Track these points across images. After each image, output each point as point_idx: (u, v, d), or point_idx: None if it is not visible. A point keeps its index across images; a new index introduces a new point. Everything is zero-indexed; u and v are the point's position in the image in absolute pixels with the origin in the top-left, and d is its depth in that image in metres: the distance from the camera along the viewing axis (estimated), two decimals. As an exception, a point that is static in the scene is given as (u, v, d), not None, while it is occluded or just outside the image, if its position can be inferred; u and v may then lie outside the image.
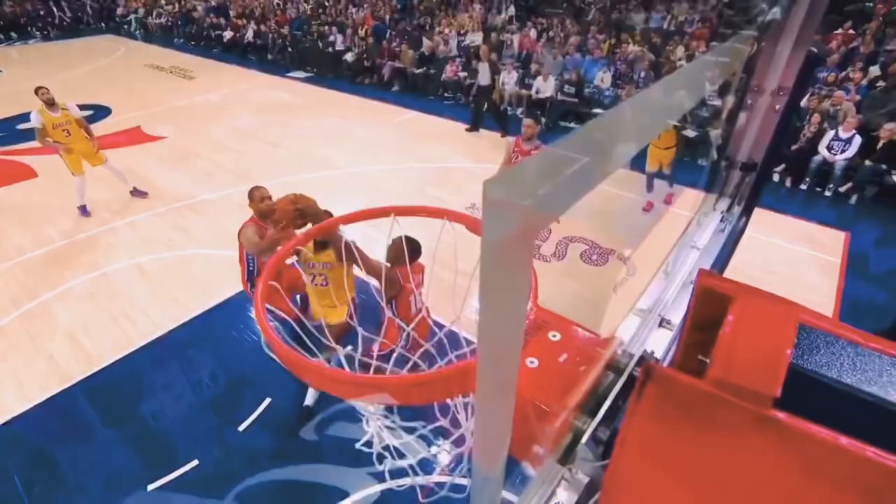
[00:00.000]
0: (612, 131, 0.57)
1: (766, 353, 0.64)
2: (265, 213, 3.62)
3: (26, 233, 6.26)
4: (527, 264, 0.43)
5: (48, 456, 3.54)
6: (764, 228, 6.15)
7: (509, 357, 0.46)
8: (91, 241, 6.07)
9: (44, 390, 4.03)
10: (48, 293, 5.14)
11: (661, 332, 1.13)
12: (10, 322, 4.75)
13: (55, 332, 4.62)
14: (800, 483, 0.62)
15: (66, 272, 5.46)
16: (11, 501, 3.24)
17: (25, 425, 3.76)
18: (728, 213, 1.69)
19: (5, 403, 3.91)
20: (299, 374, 0.99)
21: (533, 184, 0.38)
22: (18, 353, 4.39)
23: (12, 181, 7.59)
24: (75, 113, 6.22)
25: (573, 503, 0.85)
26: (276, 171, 7.91)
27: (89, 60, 15.69)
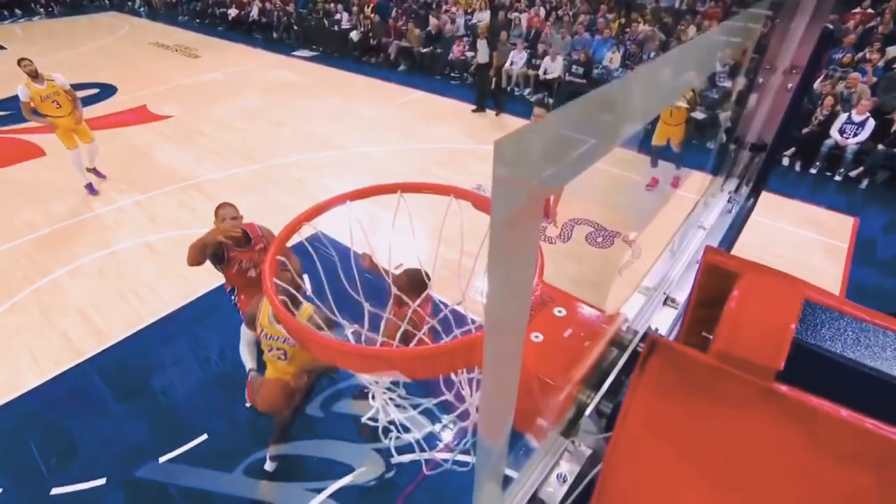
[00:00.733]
0: (618, 102, 0.56)
1: (770, 328, 0.64)
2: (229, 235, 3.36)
3: (36, 210, 6.31)
4: (535, 231, 0.43)
5: (63, 428, 3.63)
6: (770, 212, 6.10)
7: (517, 322, 0.47)
8: (99, 220, 6.11)
9: (57, 365, 4.11)
10: (59, 270, 5.20)
11: (666, 311, 1.14)
12: (24, 298, 4.83)
13: (67, 309, 4.69)
14: (801, 455, 0.63)
15: (76, 249, 5.52)
16: (30, 471, 3.34)
17: (41, 398, 3.84)
18: (736, 194, 1.67)
19: (21, 377, 3.99)
20: (306, 346, 1.01)
21: (539, 160, 0.38)
22: (32, 329, 4.46)
23: (21, 159, 7.61)
24: (61, 83, 6.03)
25: (575, 474, 0.87)
26: (282, 150, 7.88)
27: (94, 38, 15.56)
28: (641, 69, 0.62)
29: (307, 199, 1.32)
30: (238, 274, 3.45)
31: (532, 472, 0.85)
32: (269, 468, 3.30)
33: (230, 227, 3.24)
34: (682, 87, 0.85)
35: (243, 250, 3.41)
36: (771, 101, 1.46)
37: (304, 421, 3.64)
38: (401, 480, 3.28)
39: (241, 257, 3.41)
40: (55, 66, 11.32)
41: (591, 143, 0.45)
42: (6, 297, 4.82)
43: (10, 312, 4.65)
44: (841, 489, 0.61)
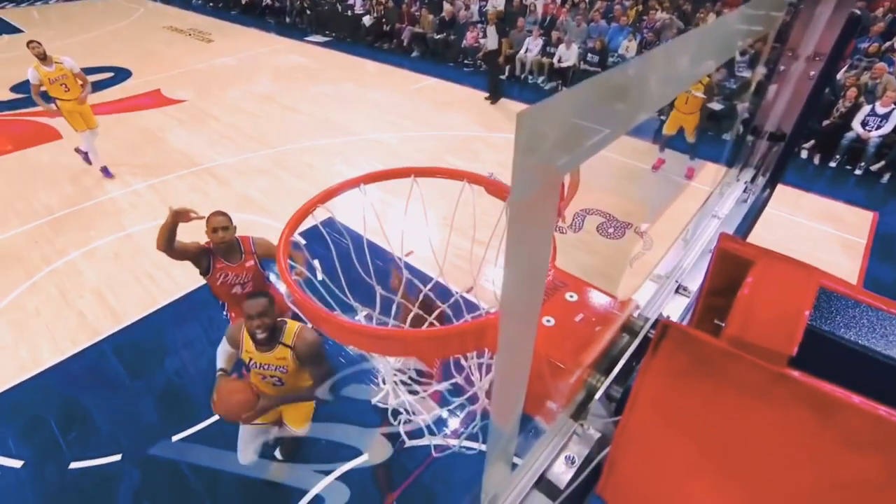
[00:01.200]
0: (633, 85, 0.56)
1: (783, 314, 0.64)
2: (216, 245, 3.16)
3: (53, 193, 6.41)
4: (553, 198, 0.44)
5: (80, 405, 3.73)
6: (786, 206, 6.01)
7: (533, 297, 0.47)
8: (114, 203, 6.19)
9: (74, 344, 4.20)
10: (76, 252, 5.29)
11: (678, 299, 1.14)
12: (42, 278, 4.93)
13: (84, 290, 4.78)
14: (811, 441, 0.63)
15: (91, 232, 5.61)
16: (50, 445, 3.44)
17: (59, 376, 3.94)
18: (752, 184, 1.65)
19: (41, 355, 4.10)
20: (319, 325, 1.02)
21: (556, 145, 0.39)
22: (50, 309, 4.57)
23: (39, 142, 7.71)
24: (70, 66, 6.06)
25: (584, 457, 0.88)
26: (294, 135, 7.90)
27: (109, 21, 15.64)
28: (657, 51, 0.61)
29: (318, 185, 1.33)
30: (222, 287, 3.27)
31: (541, 453, 0.87)
32: (278, 455, 3.34)
33: (187, 209, 2.99)
34: (698, 74, 0.84)
35: (231, 264, 3.21)
36: (791, 90, 1.44)
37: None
38: (409, 464, 3.32)
39: (228, 271, 3.21)
40: (71, 50, 11.45)
41: (605, 136, 0.46)
42: (26, 278, 4.92)
43: (30, 292, 4.76)
44: (851, 475, 0.61)
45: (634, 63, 0.55)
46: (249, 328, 2.51)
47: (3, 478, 3.25)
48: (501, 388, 0.62)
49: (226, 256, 3.20)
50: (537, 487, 0.84)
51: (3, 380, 3.89)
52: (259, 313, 2.48)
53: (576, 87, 0.43)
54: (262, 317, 2.49)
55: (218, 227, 3.10)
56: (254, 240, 3.31)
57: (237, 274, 3.24)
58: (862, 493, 0.61)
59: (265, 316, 2.51)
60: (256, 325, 2.49)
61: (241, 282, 3.28)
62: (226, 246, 3.15)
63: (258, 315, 2.48)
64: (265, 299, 2.50)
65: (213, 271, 3.20)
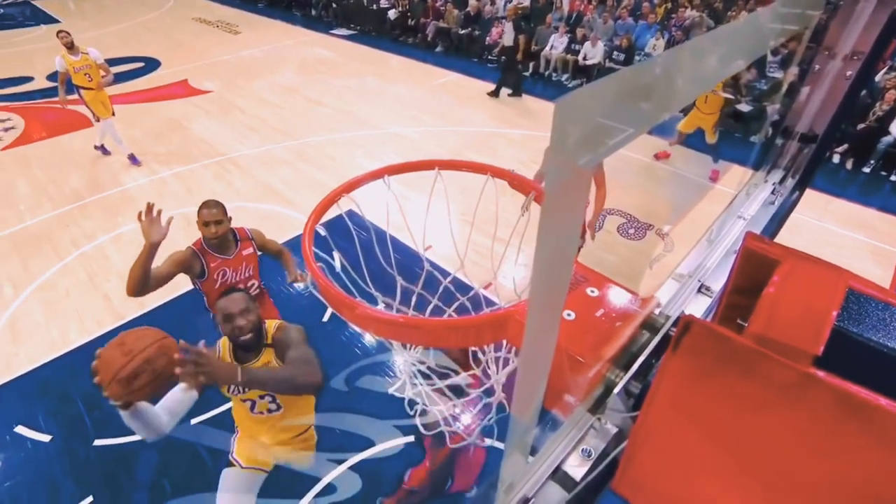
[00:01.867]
0: (659, 82, 0.56)
1: (809, 313, 0.64)
2: (209, 240, 2.79)
3: (83, 179, 6.61)
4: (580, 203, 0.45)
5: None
6: (814, 211, 5.86)
7: (558, 288, 0.48)
8: (141, 189, 6.35)
9: (101, 326, 4.33)
10: (103, 237, 5.45)
11: (700, 298, 1.13)
12: (72, 261, 5.09)
13: (110, 274, 4.92)
14: (833, 441, 0.63)
15: (118, 218, 5.77)
16: (77, 422, 3.57)
17: (85, 356, 4.07)
18: (780, 186, 1.62)
19: (69, 335, 4.24)
20: (341, 312, 1.05)
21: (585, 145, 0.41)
22: (79, 291, 4.71)
23: (71, 129, 7.94)
24: (95, 57, 6.30)
25: (600, 450, 0.88)
26: (317, 128, 7.99)
27: (141, 12, 15.99)
28: (684, 48, 0.61)
29: (340, 177, 1.35)
30: (222, 290, 2.67)
31: (558, 445, 0.87)
32: None
33: (157, 230, 2.43)
34: (726, 73, 0.83)
35: (228, 257, 2.84)
36: (826, 90, 1.40)
37: (327, 394, 3.74)
38: (421, 457, 3.35)
39: (225, 267, 2.84)
40: (104, 39, 11.76)
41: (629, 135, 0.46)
42: (57, 260, 5.09)
43: (61, 274, 4.92)
44: (875, 476, 0.61)
45: (661, 59, 0.55)
46: (232, 332, 2.02)
47: (33, 451, 3.38)
48: (524, 378, 0.63)
49: (220, 251, 2.82)
50: (553, 478, 0.85)
51: (35, 357, 4.04)
52: (242, 310, 2.02)
53: (599, 81, 0.43)
54: (246, 314, 2.03)
55: (210, 222, 2.71)
56: (249, 229, 3.02)
57: (236, 268, 2.89)
58: (888, 494, 0.61)
59: (249, 312, 2.04)
60: (241, 324, 2.00)
61: (243, 276, 2.95)
62: (219, 241, 2.77)
63: (241, 312, 2.02)
64: (243, 292, 2.11)
65: (209, 273, 2.80)
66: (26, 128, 8.14)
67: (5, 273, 4.93)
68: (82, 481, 3.21)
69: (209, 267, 2.81)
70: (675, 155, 7.03)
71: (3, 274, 4.92)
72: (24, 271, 4.95)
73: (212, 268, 2.81)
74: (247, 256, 2.94)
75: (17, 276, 4.88)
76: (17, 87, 9.67)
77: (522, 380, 0.63)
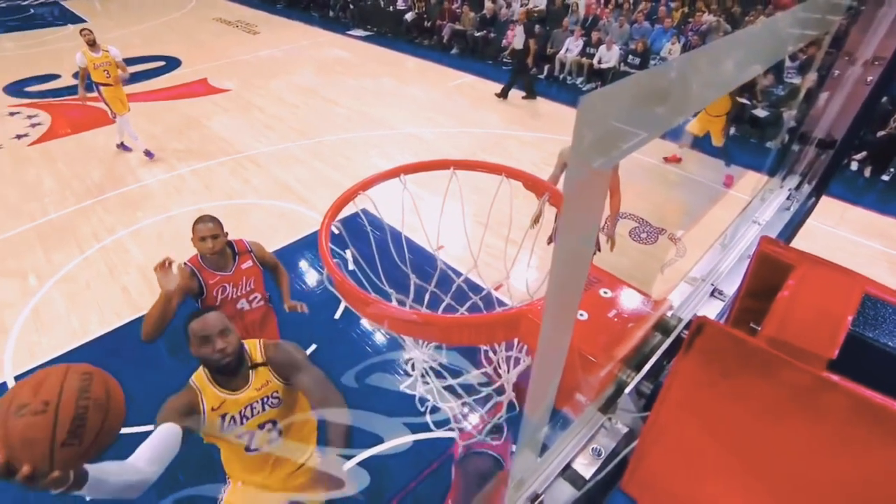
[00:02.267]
0: (673, 86, 0.56)
1: (825, 317, 0.63)
2: (206, 255, 2.64)
3: (105, 174, 6.74)
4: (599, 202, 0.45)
5: (122, 377, 3.90)
6: (830, 218, 5.75)
7: (575, 287, 0.49)
8: (160, 185, 6.45)
9: (119, 317, 4.41)
10: (123, 231, 5.55)
11: (713, 302, 1.12)
12: (93, 254, 5.19)
13: (129, 267, 5.01)
14: (846, 445, 0.63)
15: (138, 213, 5.87)
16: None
17: (104, 347, 4.15)
18: (796, 191, 1.61)
19: (89, 326, 4.32)
20: (356, 307, 1.06)
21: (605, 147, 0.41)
22: (100, 283, 4.81)
23: (94, 126, 8.09)
24: (115, 55, 6.49)
25: (610, 450, 0.88)
26: (333, 127, 8.05)
27: (163, 13, 16.25)
28: (700, 52, 0.61)
29: (355, 177, 1.37)
30: (224, 307, 2.72)
31: (568, 443, 0.88)
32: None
33: (172, 279, 2.30)
34: (742, 78, 0.83)
35: (227, 273, 2.70)
36: (846, 95, 1.39)
37: (338, 390, 3.74)
38: (429, 455, 3.36)
39: (225, 283, 2.70)
40: (128, 39, 11.97)
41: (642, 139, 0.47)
42: (79, 252, 5.20)
43: (82, 266, 5.02)
44: (888, 480, 0.60)
45: (677, 63, 0.55)
46: (213, 356, 1.82)
47: (52, 437, 3.46)
48: (538, 375, 0.63)
49: (218, 267, 2.68)
50: (563, 476, 0.85)
51: (57, 346, 4.14)
52: (221, 330, 1.82)
53: (617, 83, 0.43)
54: (225, 334, 1.83)
55: (207, 236, 2.57)
56: (248, 241, 2.88)
57: (237, 283, 2.75)
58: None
59: (229, 332, 1.84)
60: (222, 346, 1.80)
61: (245, 292, 2.80)
62: (216, 256, 2.63)
63: (221, 333, 1.82)
64: (217, 311, 1.90)
65: (208, 290, 2.64)
66: (52, 124, 8.32)
67: (30, 264, 5.04)
68: (99, 468, 3.27)
69: (207, 284, 2.65)
70: (687, 159, 6.96)
71: (28, 265, 5.03)
72: (47, 263, 5.06)
73: (210, 285, 2.66)
74: (246, 270, 2.78)
75: (41, 268, 4.99)
76: (44, 85, 9.88)
77: (536, 377, 0.64)
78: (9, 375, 3.88)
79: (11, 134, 7.93)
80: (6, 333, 4.23)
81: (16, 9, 17.08)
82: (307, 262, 5.09)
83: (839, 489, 0.65)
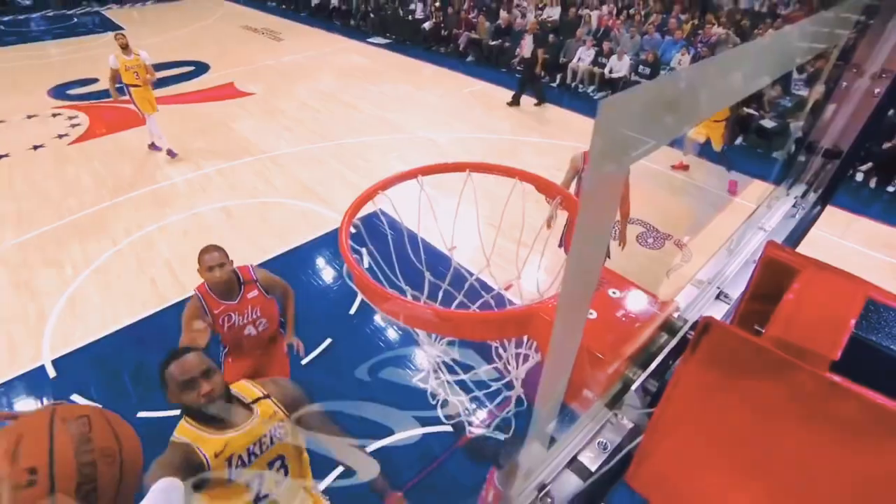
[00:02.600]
0: (682, 95, 0.56)
1: (828, 319, 0.63)
2: (213, 285, 2.60)
3: (137, 172, 6.87)
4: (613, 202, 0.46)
5: (147, 364, 3.99)
6: (836, 228, 5.65)
7: (587, 286, 0.49)
8: (187, 184, 6.56)
9: (146, 308, 4.50)
10: (152, 226, 5.65)
11: (719, 304, 1.12)
12: (124, 247, 5.30)
13: (157, 260, 5.10)
14: (848, 445, 0.62)
15: (166, 209, 5.97)
16: (123, 394, 3.72)
17: (132, 335, 4.23)
18: (802, 199, 1.59)
19: (119, 316, 4.41)
20: (375, 302, 1.07)
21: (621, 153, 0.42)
22: (129, 275, 4.90)
23: (129, 126, 8.26)
24: (144, 58, 6.65)
25: (616, 444, 0.88)
26: (352, 131, 8.11)
27: (194, 20, 16.52)
28: (709, 63, 0.61)
29: (372, 178, 1.38)
30: (231, 334, 2.72)
31: (575, 436, 0.88)
32: None
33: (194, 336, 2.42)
34: (750, 89, 0.82)
35: (231, 302, 2.66)
36: (853, 106, 1.37)
37: (351, 383, 3.77)
38: (438, 447, 3.37)
39: (231, 312, 2.66)
40: (162, 45, 12.20)
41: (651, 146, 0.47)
42: (112, 245, 5.31)
43: (114, 258, 5.13)
44: (892, 481, 0.60)
45: (685, 73, 0.55)
46: (200, 401, 1.59)
47: (83, 419, 3.53)
48: (550, 370, 0.64)
49: (224, 296, 2.65)
50: (569, 467, 0.85)
51: (90, 333, 4.23)
52: (204, 371, 1.60)
53: (625, 92, 0.43)
54: (209, 375, 1.61)
55: (214, 265, 2.54)
56: (253, 268, 2.81)
57: (242, 312, 2.70)
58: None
59: (211, 373, 1.62)
60: (208, 389, 1.59)
61: (251, 319, 2.74)
62: (223, 284, 2.60)
63: (204, 374, 1.60)
64: (196, 352, 1.68)
65: (214, 319, 2.63)
66: (91, 125, 8.51)
67: (68, 255, 5.16)
68: (126, 449, 3.34)
69: (213, 313, 2.64)
70: (694, 167, 6.88)
71: (66, 256, 5.15)
72: (82, 254, 5.17)
73: (216, 314, 2.64)
74: (252, 300, 2.71)
75: (77, 259, 5.11)
76: (84, 88, 10.12)
77: (548, 371, 0.64)
78: (46, 359, 3.97)
79: (54, 134, 8.13)
80: (44, 320, 4.34)
81: (61, 17, 17.56)
82: (324, 259, 5.13)
83: (842, 489, 0.65)
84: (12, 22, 16.81)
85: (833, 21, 1.08)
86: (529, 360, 1.35)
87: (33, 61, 12.35)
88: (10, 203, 6.15)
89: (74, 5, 19.03)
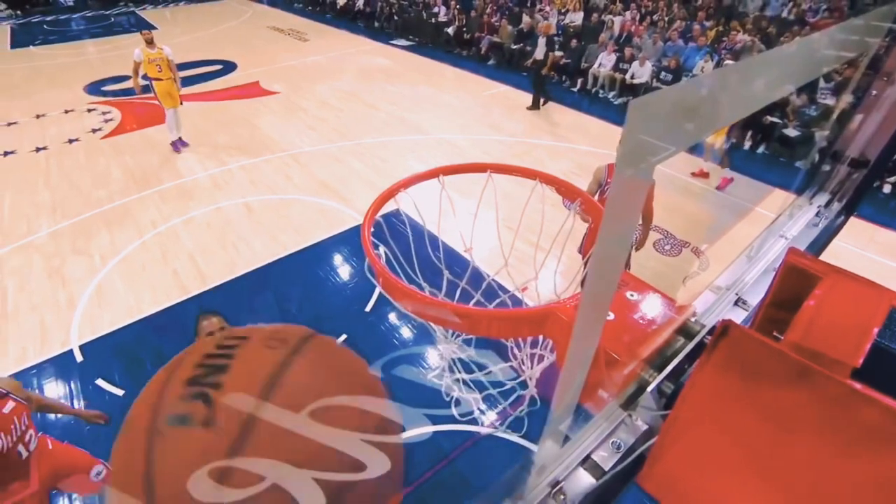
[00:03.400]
0: (703, 101, 0.56)
1: (850, 327, 0.62)
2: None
3: (165, 167, 7.03)
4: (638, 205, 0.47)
5: (169, 352, 4.03)
6: (859, 240, 5.50)
7: (609, 286, 0.50)
8: (211, 179, 6.69)
9: (169, 298, 4.60)
10: (176, 219, 5.78)
11: (737, 311, 1.11)
12: (150, 239, 5.43)
13: (180, 252, 5.22)
14: (866, 454, 0.62)
15: (190, 203, 6.10)
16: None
17: (155, 324, 4.34)
18: (825, 209, 1.56)
19: (142, 305, 4.53)
20: (394, 296, 1.09)
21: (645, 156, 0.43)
22: (154, 265, 5.02)
23: (156, 123, 8.45)
24: (167, 53, 6.82)
25: (629, 445, 0.88)
26: (372, 130, 8.18)
27: (223, 21, 16.86)
28: (732, 69, 0.61)
29: (390, 178, 1.40)
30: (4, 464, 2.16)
31: (589, 435, 0.88)
32: None
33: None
34: (773, 96, 0.81)
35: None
36: (882, 115, 1.34)
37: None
38: (448, 445, 3.38)
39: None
40: (192, 44, 12.48)
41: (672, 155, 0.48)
42: (138, 236, 5.45)
43: (140, 250, 5.26)
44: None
45: (707, 78, 0.56)
46: None
47: (110, 402, 3.63)
48: (568, 368, 0.65)
49: None
50: (583, 466, 0.86)
51: (115, 321, 4.35)
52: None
53: (645, 97, 0.43)
54: None
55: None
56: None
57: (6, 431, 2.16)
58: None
59: None
60: None
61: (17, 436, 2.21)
62: None
63: None
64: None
65: None
66: (122, 120, 8.75)
67: (96, 245, 5.32)
68: (147, 434, 3.42)
69: None
70: (713, 175, 6.77)
71: (95, 246, 5.30)
72: (110, 245, 5.32)
73: None
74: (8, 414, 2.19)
75: (105, 249, 5.25)
76: (118, 85, 10.40)
77: (566, 369, 0.65)
78: (74, 344, 4.10)
79: (88, 128, 8.38)
80: (74, 307, 4.48)
81: (98, 17, 18.13)
82: (342, 256, 5.19)
83: (860, 497, 0.64)
84: (55, 21, 17.40)
85: (863, 29, 1.06)
86: (545, 360, 1.35)
87: (72, 59, 12.75)
88: (46, 193, 6.37)
89: (112, 5, 19.66)
